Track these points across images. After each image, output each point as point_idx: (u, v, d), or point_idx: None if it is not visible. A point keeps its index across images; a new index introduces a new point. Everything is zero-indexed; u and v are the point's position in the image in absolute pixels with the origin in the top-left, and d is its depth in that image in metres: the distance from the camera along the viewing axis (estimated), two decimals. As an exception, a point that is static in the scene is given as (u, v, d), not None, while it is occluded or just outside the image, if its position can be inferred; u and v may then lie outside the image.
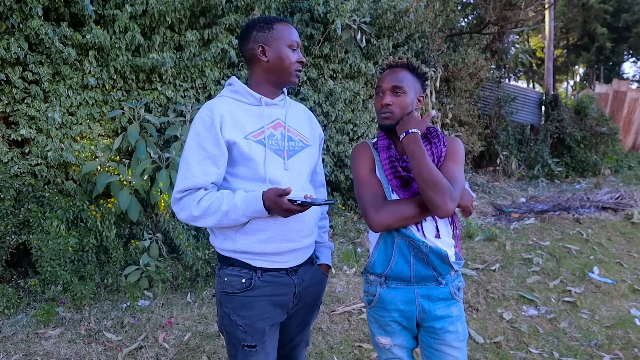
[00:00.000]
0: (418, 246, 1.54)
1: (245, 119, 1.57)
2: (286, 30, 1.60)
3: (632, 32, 22.56)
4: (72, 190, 4.00)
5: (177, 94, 4.50)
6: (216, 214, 1.48)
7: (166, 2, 4.07)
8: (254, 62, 1.62)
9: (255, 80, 1.64)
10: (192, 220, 1.51)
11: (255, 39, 1.59)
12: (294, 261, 1.62)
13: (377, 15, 6.17)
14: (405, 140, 1.52)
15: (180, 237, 3.99)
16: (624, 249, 5.04)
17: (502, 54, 12.61)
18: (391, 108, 1.59)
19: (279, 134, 1.62)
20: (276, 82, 1.63)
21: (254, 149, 1.54)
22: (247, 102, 1.61)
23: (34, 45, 3.79)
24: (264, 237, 1.54)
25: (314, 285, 1.72)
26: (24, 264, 4.03)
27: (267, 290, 1.57)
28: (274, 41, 1.58)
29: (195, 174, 1.50)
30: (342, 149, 6.10)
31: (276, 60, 1.58)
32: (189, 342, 3.11)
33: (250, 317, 1.55)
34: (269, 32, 1.59)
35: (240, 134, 1.53)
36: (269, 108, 1.63)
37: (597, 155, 11.28)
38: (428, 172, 1.45)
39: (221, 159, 1.52)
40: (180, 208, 1.53)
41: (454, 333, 1.60)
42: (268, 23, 1.60)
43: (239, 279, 1.56)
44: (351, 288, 4.00)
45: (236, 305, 1.56)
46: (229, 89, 1.65)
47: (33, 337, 3.14)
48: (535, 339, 3.14)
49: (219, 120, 1.51)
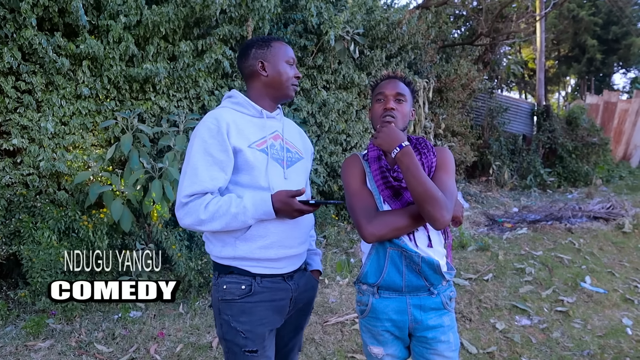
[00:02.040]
0: (410, 256, 1.55)
1: (248, 128, 1.62)
2: (283, 47, 1.71)
3: (622, 44, 22.87)
4: (64, 200, 3.98)
5: (171, 104, 4.50)
6: (224, 216, 1.50)
7: (160, 12, 4.09)
8: (254, 77, 1.70)
9: (255, 94, 1.71)
10: (198, 224, 1.52)
11: (255, 55, 1.68)
12: (291, 267, 1.67)
13: (370, 27, 6.23)
14: (399, 155, 1.51)
15: (173, 247, 3.97)
16: (616, 258, 5.06)
17: (494, 65, 12.74)
18: (395, 113, 1.62)
19: (278, 145, 1.69)
20: (275, 95, 1.72)
21: (257, 158, 1.59)
22: (248, 114, 1.67)
23: (27, 55, 3.79)
24: (264, 243, 1.57)
25: (308, 291, 1.78)
26: (14, 275, 3.99)
27: (267, 295, 1.60)
28: (273, 57, 1.68)
29: (204, 178, 1.52)
30: (335, 159, 6.12)
31: (275, 75, 1.68)
32: (180, 353, 3.08)
33: (251, 323, 1.57)
34: (267, 49, 1.68)
35: (245, 142, 1.58)
36: (269, 120, 1.71)
37: (589, 165, 11.38)
38: (423, 185, 1.45)
39: (228, 165, 1.55)
40: (185, 213, 1.53)
41: (445, 343, 1.60)
42: (266, 41, 1.70)
43: (238, 285, 1.58)
44: (344, 298, 3.99)
45: (236, 311, 1.57)
46: (230, 100, 1.70)
47: (22, 350, 3.10)
48: (528, 349, 3.14)
49: (225, 127, 1.55)
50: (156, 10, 4.10)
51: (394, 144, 1.52)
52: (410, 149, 1.51)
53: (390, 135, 1.54)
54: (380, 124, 1.62)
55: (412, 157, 1.50)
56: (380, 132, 1.57)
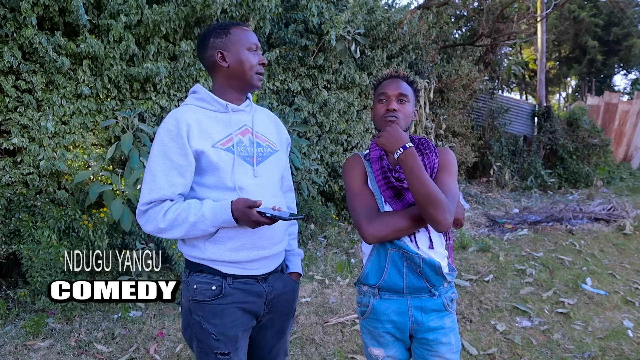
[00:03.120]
0: (411, 257, 1.54)
1: (212, 126, 1.54)
2: (243, 33, 1.59)
3: (622, 45, 22.86)
4: (64, 199, 3.97)
5: (171, 104, 4.50)
6: (183, 225, 1.45)
7: (161, 12, 4.09)
8: (215, 69, 1.60)
9: (218, 87, 1.62)
10: (158, 232, 1.48)
11: (214, 45, 1.57)
12: (264, 269, 1.60)
13: (371, 27, 6.23)
14: (402, 156, 1.48)
15: (173, 247, 3.97)
16: (617, 260, 5.05)
17: (495, 65, 12.74)
18: (397, 114, 1.59)
19: (247, 140, 1.59)
20: (239, 87, 1.61)
21: (222, 158, 1.51)
22: (213, 110, 1.58)
23: (27, 54, 3.78)
24: (234, 245, 1.52)
25: (286, 294, 1.69)
26: (13, 274, 3.98)
27: (238, 297, 1.54)
28: (232, 45, 1.56)
29: (161, 185, 1.46)
30: (336, 159, 6.11)
31: (236, 65, 1.56)
32: (180, 353, 3.08)
33: (223, 325, 1.52)
34: (226, 37, 1.57)
35: (208, 142, 1.50)
36: (236, 114, 1.61)
37: (590, 166, 11.37)
38: (426, 188, 1.43)
39: (188, 170, 1.49)
40: (145, 221, 1.49)
41: (447, 345, 1.59)
42: (224, 28, 1.58)
43: (208, 286, 1.52)
44: (345, 299, 3.98)
45: (207, 313, 1.52)
46: (194, 96, 1.61)
47: (22, 349, 3.09)
48: (529, 351, 3.13)
49: (185, 129, 1.47)
50: (157, 9, 4.10)
51: (398, 144, 1.50)
52: (414, 151, 1.49)
53: (394, 135, 1.52)
54: (382, 124, 1.61)
55: (416, 159, 1.48)
56: (383, 132, 1.54)
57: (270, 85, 5.49)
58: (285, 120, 5.31)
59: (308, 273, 4.59)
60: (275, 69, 5.52)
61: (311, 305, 3.86)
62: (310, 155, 5.81)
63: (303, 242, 5.49)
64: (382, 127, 1.60)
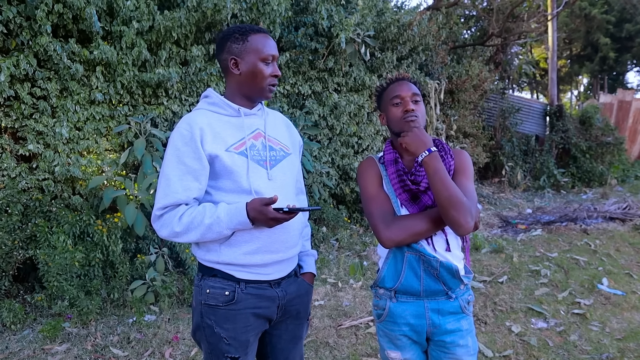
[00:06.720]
0: (429, 261, 1.53)
1: (225, 131, 1.53)
2: (261, 42, 1.55)
3: (635, 41, 22.56)
4: (78, 205, 4.02)
5: (183, 109, 4.53)
6: (199, 228, 1.45)
7: (172, 18, 4.12)
8: (227, 73, 1.59)
9: (230, 91, 1.61)
10: (174, 236, 1.48)
11: (230, 50, 1.55)
12: (278, 273, 1.59)
13: (380, 29, 6.23)
14: (427, 159, 1.47)
15: (187, 251, 3.99)
16: (633, 259, 4.98)
17: (506, 65, 12.65)
18: (416, 113, 1.59)
19: (260, 144, 1.59)
20: (249, 95, 1.60)
21: (236, 161, 1.51)
22: (225, 114, 1.58)
23: (42, 62, 3.84)
24: (249, 248, 1.51)
25: (300, 297, 1.68)
26: (30, 279, 4.03)
27: (251, 302, 1.54)
28: (247, 54, 1.53)
29: (176, 189, 1.46)
30: (347, 161, 6.11)
31: (248, 74, 1.55)
32: (195, 357, 3.09)
33: (235, 330, 1.52)
34: (243, 44, 1.54)
35: (222, 146, 1.50)
36: (248, 118, 1.60)
37: (603, 165, 11.23)
38: (449, 190, 1.42)
39: (202, 174, 1.49)
40: (160, 225, 1.49)
41: (464, 347, 1.58)
42: (243, 34, 1.55)
43: (222, 291, 1.52)
44: (358, 302, 3.98)
45: (220, 318, 1.52)
46: (206, 101, 1.61)
47: (39, 353, 3.13)
48: (545, 353, 3.10)
49: (198, 133, 1.47)
50: (168, 15, 4.14)
51: (423, 147, 1.49)
52: (437, 154, 1.48)
53: (421, 137, 1.50)
54: (403, 125, 1.58)
55: (440, 162, 1.47)
56: (409, 132, 1.53)
57: (281, 89, 5.51)
58: (296, 123, 5.32)
59: (321, 276, 4.59)
60: (286, 73, 5.53)
61: (325, 308, 3.85)
62: (321, 158, 5.82)
63: (315, 245, 5.49)
64: (403, 128, 1.58)
